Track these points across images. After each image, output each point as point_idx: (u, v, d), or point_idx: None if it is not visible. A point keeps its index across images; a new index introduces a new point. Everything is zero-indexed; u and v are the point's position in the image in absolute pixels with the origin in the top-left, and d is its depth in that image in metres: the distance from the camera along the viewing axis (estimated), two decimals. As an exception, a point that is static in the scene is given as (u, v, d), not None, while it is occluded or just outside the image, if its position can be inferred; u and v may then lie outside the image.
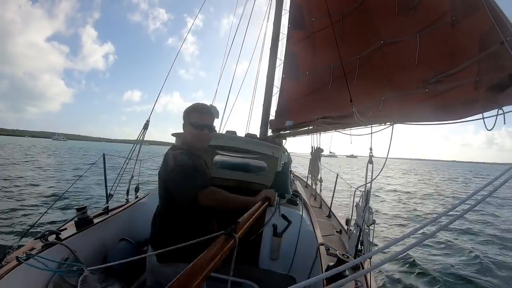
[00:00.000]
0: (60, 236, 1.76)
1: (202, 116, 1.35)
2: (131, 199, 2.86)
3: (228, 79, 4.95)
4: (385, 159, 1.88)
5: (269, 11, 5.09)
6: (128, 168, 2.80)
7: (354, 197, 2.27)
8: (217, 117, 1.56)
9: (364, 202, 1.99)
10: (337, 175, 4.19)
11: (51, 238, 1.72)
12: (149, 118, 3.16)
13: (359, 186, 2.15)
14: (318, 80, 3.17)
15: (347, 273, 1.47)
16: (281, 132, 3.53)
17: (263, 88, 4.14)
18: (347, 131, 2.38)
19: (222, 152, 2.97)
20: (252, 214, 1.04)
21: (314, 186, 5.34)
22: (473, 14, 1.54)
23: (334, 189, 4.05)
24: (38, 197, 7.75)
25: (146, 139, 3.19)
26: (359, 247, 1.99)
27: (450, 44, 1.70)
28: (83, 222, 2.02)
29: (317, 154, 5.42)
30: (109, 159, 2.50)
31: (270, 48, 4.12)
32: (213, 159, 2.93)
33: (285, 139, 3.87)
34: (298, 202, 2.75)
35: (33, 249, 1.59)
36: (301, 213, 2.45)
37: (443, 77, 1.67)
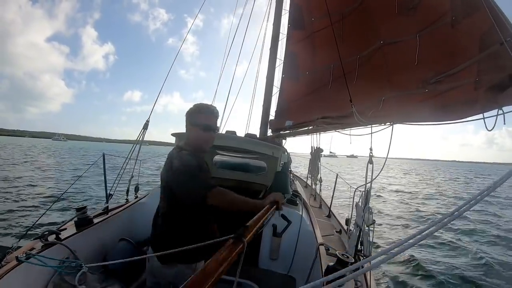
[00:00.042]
0: (60, 236, 1.76)
1: (208, 118, 1.35)
2: (131, 199, 2.86)
3: (228, 79, 4.96)
4: (385, 159, 1.89)
5: (269, 11, 5.09)
6: (128, 168, 2.80)
7: (354, 197, 2.26)
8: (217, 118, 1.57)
9: (364, 202, 1.99)
10: (337, 175, 4.19)
11: (51, 238, 1.72)
12: (149, 118, 3.17)
13: (359, 186, 2.15)
14: (318, 80, 3.17)
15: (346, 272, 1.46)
16: (281, 132, 3.53)
17: (263, 88, 4.15)
18: (347, 131, 2.38)
19: (222, 152, 2.97)
20: (260, 218, 1.03)
21: (314, 186, 5.34)
22: (473, 14, 1.53)
23: (333, 189, 4.05)
24: (37, 197, 7.74)
25: (146, 139, 3.19)
26: (359, 247, 2.00)
27: (450, 44, 1.69)
28: (83, 222, 2.02)
29: (316, 154, 5.42)
30: (109, 159, 2.49)
31: (270, 48, 4.13)
32: (213, 159, 2.93)
33: (285, 139, 3.87)
34: (298, 202, 2.75)
35: (33, 249, 1.59)
36: (300, 213, 2.45)
37: (443, 77, 1.67)
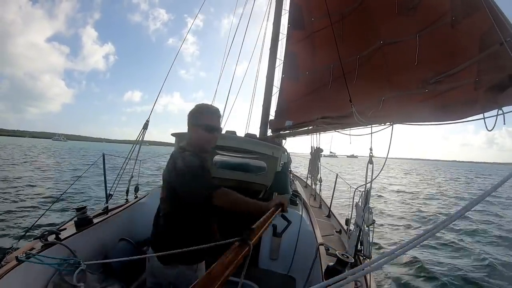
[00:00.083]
0: (59, 236, 1.77)
1: (211, 118, 1.34)
2: (131, 199, 2.86)
3: (228, 79, 4.95)
4: (385, 159, 1.89)
5: (269, 11, 5.09)
6: (128, 169, 2.80)
7: (354, 197, 2.27)
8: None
9: (364, 202, 1.99)
10: (336, 175, 4.19)
11: (51, 238, 1.73)
12: (148, 118, 3.17)
13: (359, 186, 2.15)
14: (317, 80, 3.17)
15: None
16: (280, 132, 3.53)
17: (262, 88, 4.15)
18: (346, 131, 2.38)
19: (222, 152, 2.97)
20: (266, 220, 1.03)
21: (313, 186, 5.34)
22: (473, 14, 1.53)
23: (333, 189, 4.04)
24: (37, 198, 7.73)
25: (147, 139, 3.19)
26: (359, 247, 2.00)
27: (450, 44, 1.69)
28: (82, 222, 2.02)
29: (316, 154, 5.42)
30: (109, 160, 2.49)
31: (270, 48, 4.12)
32: (213, 159, 2.92)
33: (285, 139, 3.87)
34: (297, 202, 2.75)
35: (32, 249, 1.59)
36: (300, 213, 2.45)
37: (443, 78, 1.66)
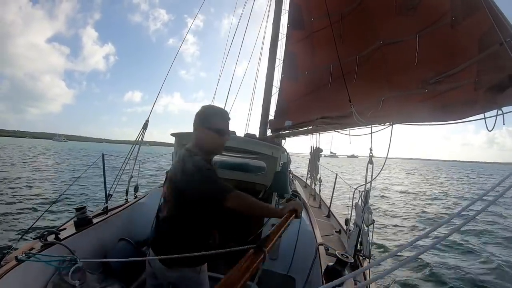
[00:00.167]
0: (59, 236, 1.77)
1: (224, 122, 1.32)
2: (130, 199, 2.86)
3: (228, 79, 4.94)
4: (385, 159, 1.89)
5: (269, 11, 5.08)
6: (128, 169, 2.80)
7: (353, 197, 2.26)
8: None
9: (364, 202, 1.99)
10: (336, 175, 4.19)
11: (50, 238, 1.73)
12: (148, 118, 3.16)
13: (358, 186, 2.15)
14: (317, 80, 3.16)
15: (346, 272, 1.47)
16: (280, 132, 3.53)
17: (262, 88, 4.14)
18: (346, 131, 2.37)
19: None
20: (280, 227, 1.02)
21: (313, 186, 5.34)
22: (473, 14, 1.53)
23: (333, 189, 4.04)
24: (36, 198, 7.72)
25: (147, 140, 3.19)
26: (358, 247, 2.00)
27: (449, 45, 1.69)
28: (82, 222, 2.02)
29: (316, 154, 5.42)
30: (109, 160, 2.49)
31: (270, 48, 4.11)
32: (212, 159, 2.91)
33: (285, 139, 3.87)
34: None
35: (32, 249, 1.59)
36: None
37: (442, 78, 1.66)
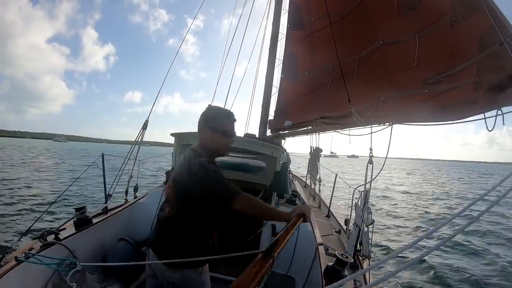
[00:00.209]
0: (59, 236, 1.76)
1: (231, 123, 1.33)
2: (130, 199, 2.86)
3: (228, 79, 4.94)
4: (385, 159, 1.89)
5: (268, 11, 5.08)
6: (128, 169, 2.80)
7: (353, 197, 2.26)
8: None
9: (363, 202, 1.99)
10: (336, 175, 4.18)
11: (50, 238, 1.73)
12: (148, 118, 3.16)
13: (358, 186, 2.15)
14: (317, 80, 3.16)
15: (346, 272, 1.47)
16: (280, 132, 3.53)
17: (262, 88, 4.14)
18: (346, 131, 2.37)
19: None
20: (288, 231, 1.01)
21: (313, 186, 5.34)
22: (472, 14, 1.53)
23: (333, 189, 4.04)
24: (36, 198, 7.71)
25: (148, 140, 3.19)
26: (358, 246, 2.00)
27: (449, 45, 1.69)
28: (82, 222, 2.02)
29: (316, 154, 5.42)
30: (109, 160, 2.49)
31: (269, 48, 4.11)
32: None
33: (284, 139, 3.86)
34: (297, 202, 2.75)
35: (32, 249, 1.59)
36: None
37: (442, 78, 1.66)
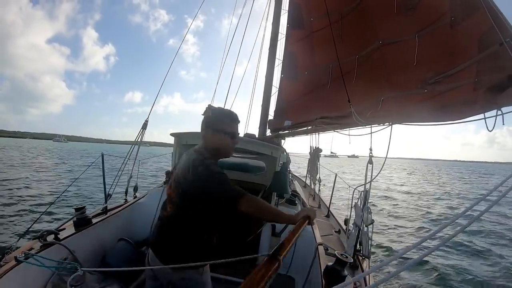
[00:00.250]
0: (58, 236, 1.76)
1: (236, 126, 1.34)
2: (130, 199, 2.86)
3: (228, 79, 4.93)
4: (384, 159, 1.89)
5: (268, 11, 5.07)
6: (127, 169, 2.80)
7: (353, 197, 2.26)
8: None
9: (363, 202, 1.99)
10: (336, 175, 4.18)
11: (50, 238, 1.72)
12: (147, 118, 3.16)
13: (358, 186, 2.15)
14: (316, 80, 3.16)
15: (346, 272, 1.46)
16: (279, 132, 3.52)
17: (262, 88, 4.14)
18: (345, 131, 2.37)
19: None
20: (294, 234, 1.02)
21: (312, 186, 5.34)
22: (472, 14, 1.53)
23: (332, 189, 4.04)
24: (35, 199, 7.70)
25: (148, 140, 3.19)
26: (358, 246, 2.00)
27: (449, 45, 1.69)
28: (81, 222, 2.02)
29: (315, 154, 5.42)
30: (109, 161, 2.49)
31: (269, 48, 4.10)
32: None
33: (284, 139, 3.86)
34: (296, 202, 2.75)
35: (31, 249, 1.59)
36: None
37: (442, 78, 1.66)
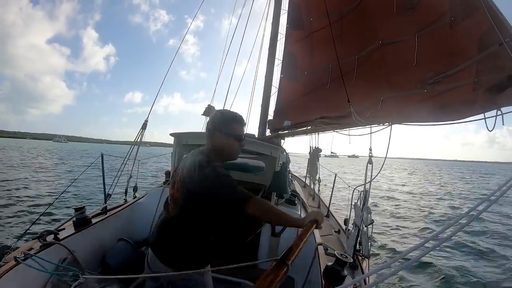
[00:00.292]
0: (58, 236, 1.76)
1: (242, 128, 1.33)
2: (130, 199, 2.86)
3: (228, 79, 4.93)
4: (384, 159, 1.88)
5: (268, 11, 5.07)
6: (127, 169, 2.80)
7: (352, 197, 2.27)
8: None
9: (363, 202, 1.99)
10: (335, 175, 4.18)
11: (49, 238, 1.72)
12: (147, 118, 3.16)
13: (357, 186, 2.15)
14: (316, 80, 3.16)
15: (345, 273, 1.46)
16: (279, 132, 3.52)
17: (261, 88, 4.13)
18: (345, 131, 2.37)
19: None
20: (302, 238, 1.01)
21: (312, 186, 5.34)
22: (472, 15, 1.53)
23: (332, 189, 4.04)
24: (34, 199, 7.67)
25: (148, 140, 3.18)
26: (358, 246, 2.00)
27: (449, 45, 1.69)
28: (81, 222, 2.02)
29: (315, 154, 5.42)
30: (108, 161, 2.49)
31: (269, 48, 4.10)
32: None
33: (284, 139, 3.86)
34: (296, 202, 2.76)
35: (31, 249, 1.59)
36: (299, 213, 2.45)
37: (441, 78, 1.66)
